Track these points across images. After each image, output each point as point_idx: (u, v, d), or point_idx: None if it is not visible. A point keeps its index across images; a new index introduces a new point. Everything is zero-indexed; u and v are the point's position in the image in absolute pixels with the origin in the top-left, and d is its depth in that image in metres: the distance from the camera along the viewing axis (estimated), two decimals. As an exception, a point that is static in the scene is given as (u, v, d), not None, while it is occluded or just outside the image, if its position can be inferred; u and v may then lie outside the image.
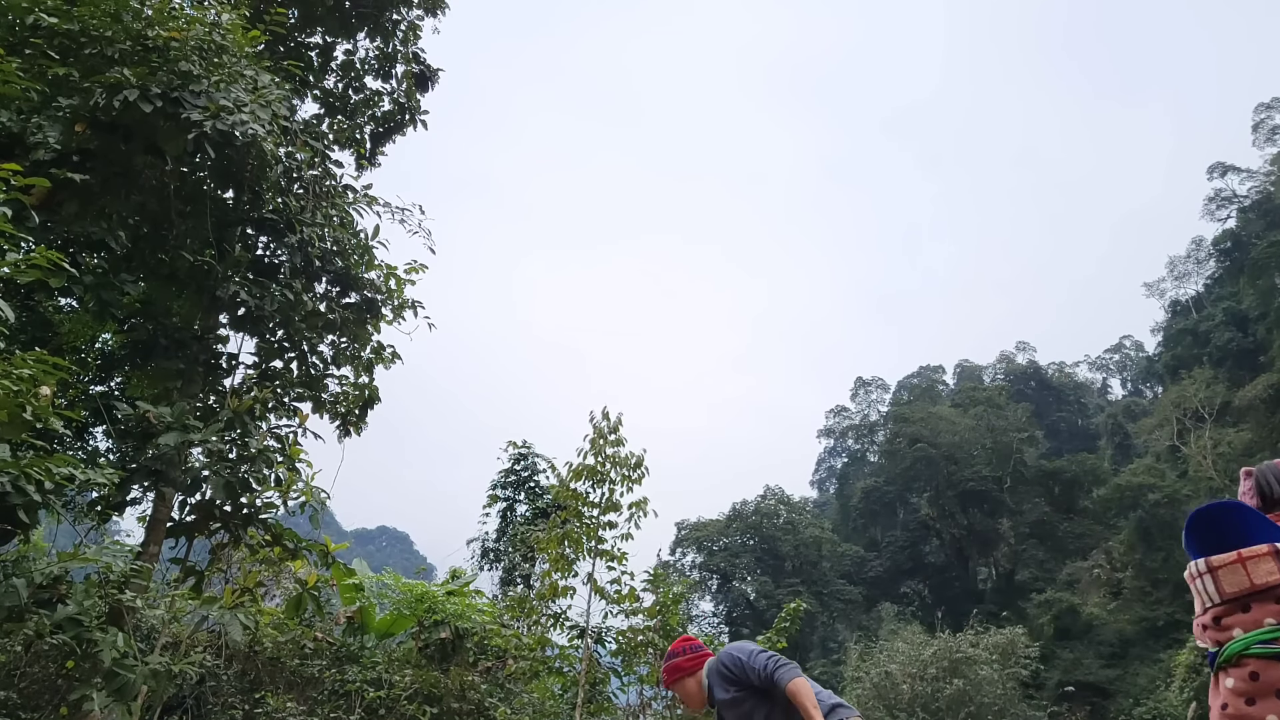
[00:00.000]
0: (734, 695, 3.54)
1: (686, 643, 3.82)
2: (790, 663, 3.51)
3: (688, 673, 3.68)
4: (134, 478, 6.19)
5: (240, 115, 5.79)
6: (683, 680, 3.67)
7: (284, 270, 6.86)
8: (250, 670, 8.34)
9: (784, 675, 3.43)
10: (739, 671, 3.55)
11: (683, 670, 3.68)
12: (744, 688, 3.54)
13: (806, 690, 3.36)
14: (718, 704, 3.60)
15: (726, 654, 3.64)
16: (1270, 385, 43.31)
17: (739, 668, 3.55)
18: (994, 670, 22.37)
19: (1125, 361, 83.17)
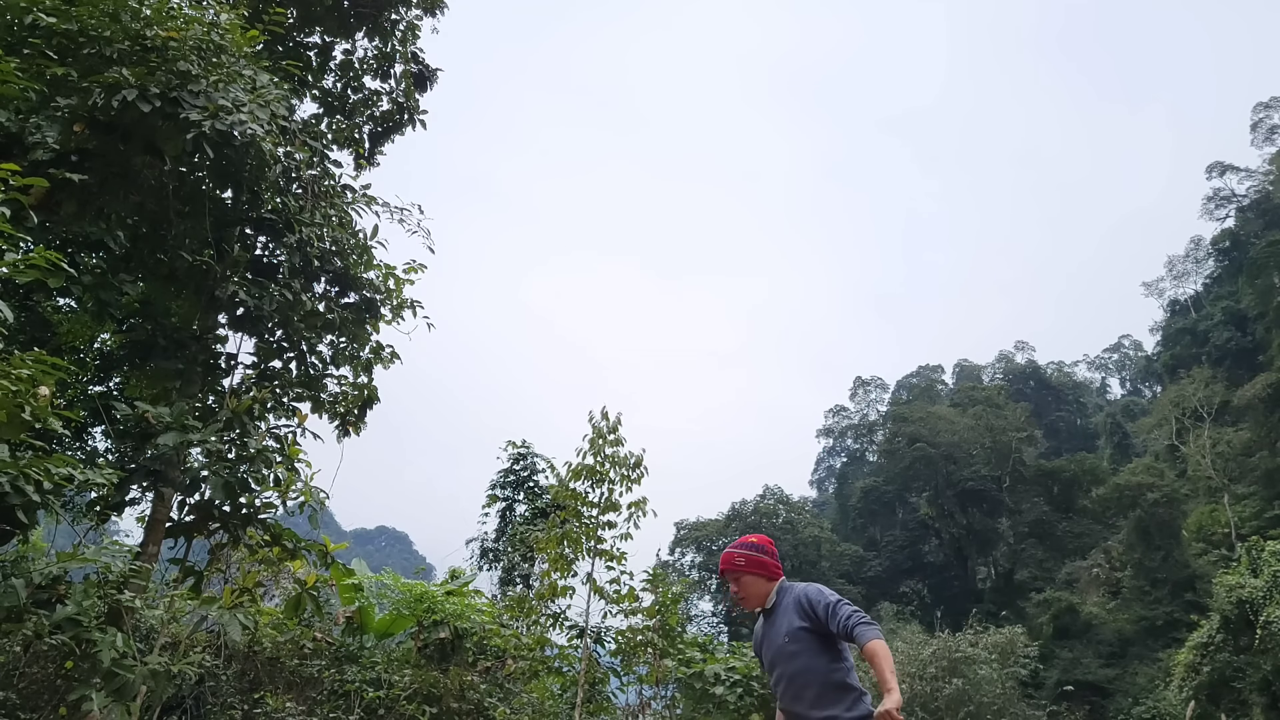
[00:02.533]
0: (802, 628, 3.39)
1: (772, 548, 3.69)
2: (873, 621, 3.35)
3: (765, 575, 3.56)
4: (133, 478, 6.18)
5: (239, 115, 5.78)
6: (757, 578, 3.54)
7: (283, 270, 6.85)
8: (249, 670, 8.34)
9: (865, 633, 3.27)
10: (821, 612, 3.40)
11: (764, 569, 3.56)
12: (813, 630, 3.40)
13: (886, 653, 3.20)
14: (779, 630, 3.45)
15: (815, 589, 3.50)
16: (1269, 384, 43.32)
17: (823, 609, 3.40)
18: (993, 670, 22.38)
19: (1124, 361, 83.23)
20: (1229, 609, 22.64)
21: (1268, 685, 21.66)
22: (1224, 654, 22.90)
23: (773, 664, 3.45)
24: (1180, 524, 41.45)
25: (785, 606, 3.49)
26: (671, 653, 9.13)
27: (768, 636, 3.51)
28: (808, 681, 3.35)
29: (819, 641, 3.38)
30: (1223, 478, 44.93)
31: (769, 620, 3.52)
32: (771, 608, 3.52)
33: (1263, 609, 21.48)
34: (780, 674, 3.40)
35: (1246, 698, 22.38)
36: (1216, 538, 41.37)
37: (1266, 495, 41.54)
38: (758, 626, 3.61)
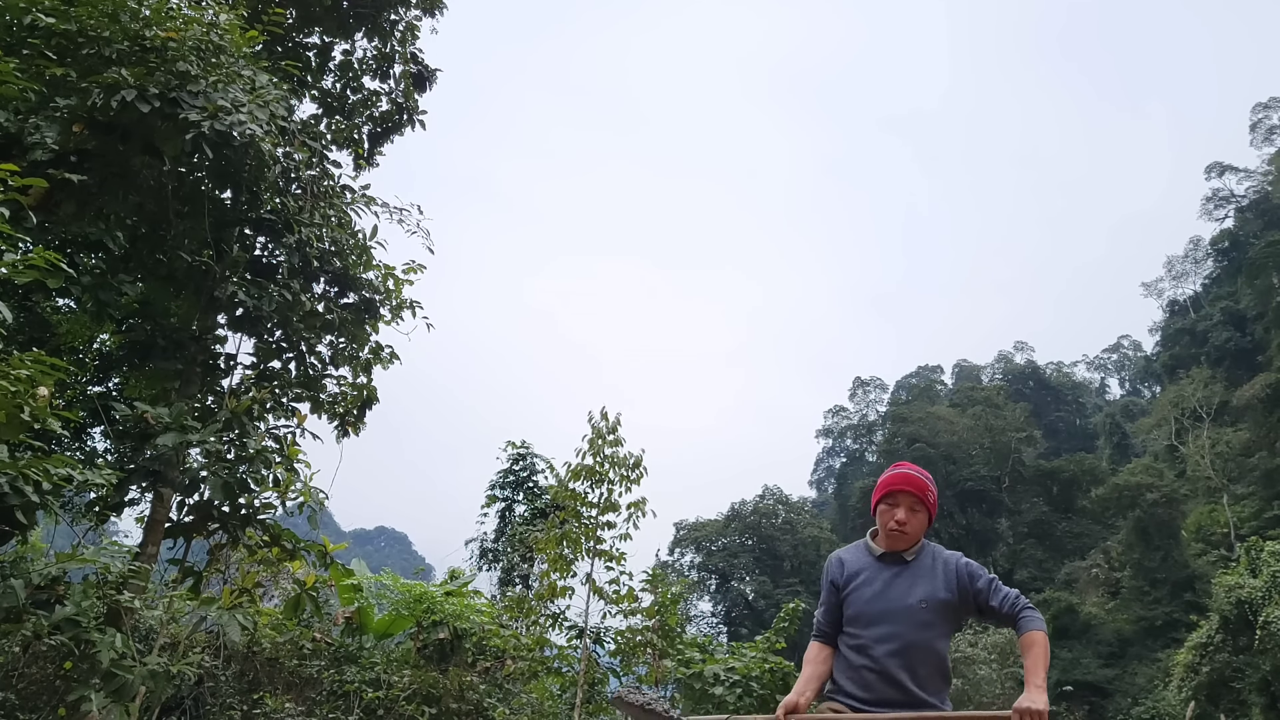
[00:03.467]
0: (947, 601, 3.03)
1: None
2: (1036, 610, 3.08)
3: (930, 521, 3.17)
4: (132, 478, 6.18)
5: (238, 115, 5.78)
6: (926, 517, 3.14)
7: (282, 270, 6.85)
8: (249, 671, 8.34)
9: (1032, 619, 3.01)
10: (982, 587, 3.07)
11: (933, 514, 3.17)
12: (958, 606, 3.07)
13: (1046, 645, 2.96)
14: (914, 590, 3.04)
15: (971, 561, 3.18)
16: (1268, 384, 43.35)
17: (985, 584, 3.08)
18: (992, 670, 22.41)
19: (1123, 361, 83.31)
20: (1228, 609, 22.66)
21: (1267, 685, 21.67)
22: (1223, 654, 22.93)
23: (881, 620, 3.01)
24: (1179, 524, 41.49)
25: (930, 568, 3.10)
26: (671, 653, 9.13)
27: (890, 589, 3.05)
28: (926, 658, 2.99)
29: (953, 620, 3.08)
30: (1222, 478, 44.97)
31: (897, 572, 3.09)
32: (910, 561, 3.11)
33: (1262, 609, 21.50)
34: (893, 635, 2.97)
35: (1246, 698, 22.40)
36: (1215, 538, 41.42)
37: (1265, 495, 41.57)
38: (865, 565, 3.15)
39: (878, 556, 3.15)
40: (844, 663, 3.10)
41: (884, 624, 3.02)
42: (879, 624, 3.02)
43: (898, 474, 3.19)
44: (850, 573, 3.16)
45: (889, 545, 3.12)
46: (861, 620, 3.06)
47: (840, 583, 3.17)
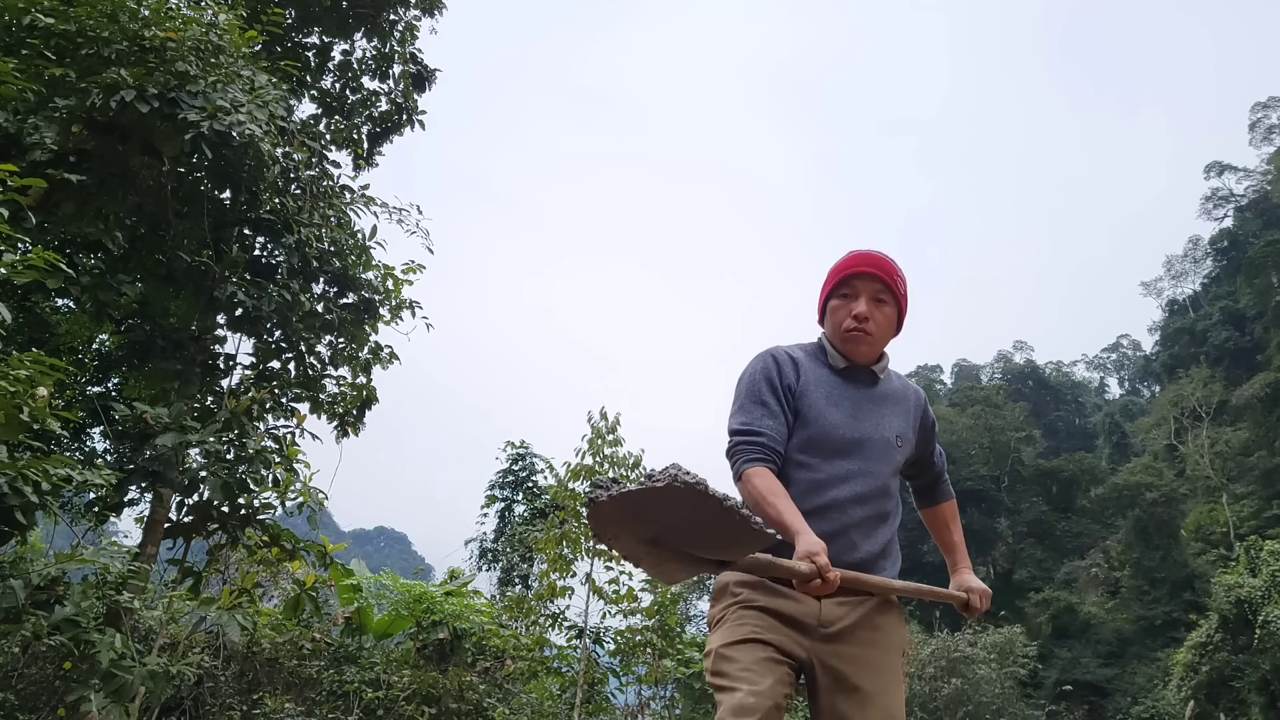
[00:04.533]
0: (911, 443, 2.41)
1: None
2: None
3: (899, 324, 2.39)
4: (131, 479, 6.18)
5: (237, 116, 5.78)
6: (894, 321, 2.36)
7: (281, 270, 6.85)
8: (248, 671, 8.33)
9: (949, 485, 2.67)
10: (928, 430, 2.50)
11: (903, 315, 2.38)
12: (910, 450, 2.43)
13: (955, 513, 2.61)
14: (887, 418, 2.34)
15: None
16: (1268, 384, 43.38)
17: (933, 429, 2.53)
18: (992, 669, 22.41)
19: (1123, 361, 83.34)
20: (1227, 608, 22.67)
21: (1266, 685, 21.68)
22: (1223, 653, 22.94)
23: (853, 451, 2.25)
24: (1179, 524, 41.51)
25: (901, 393, 2.42)
26: (670, 653, 9.13)
27: (861, 414, 2.29)
28: (889, 513, 2.30)
29: (894, 488, 2.35)
30: (1221, 477, 45.00)
31: (866, 393, 2.34)
32: (876, 382, 2.37)
33: (1261, 608, 21.51)
34: (865, 473, 2.24)
35: (1245, 697, 22.41)
36: (1215, 537, 41.45)
37: (1265, 495, 41.60)
38: (823, 378, 2.32)
39: (840, 370, 2.33)
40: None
41: (855, 457, 2.24)
42: (849, 456, 2.24)
43: (855, 255, 2.35)
44: (807, 381, 2.29)
45: (850, 351, 2.32)
46: (826, 447, 2.23)
47: (796, 388, 2.27)
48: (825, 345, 2.41)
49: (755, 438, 2.19)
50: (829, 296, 2.41)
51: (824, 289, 2.44)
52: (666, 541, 1.62)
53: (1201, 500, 45.26)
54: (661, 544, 1.62)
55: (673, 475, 1.37)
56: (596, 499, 1.46)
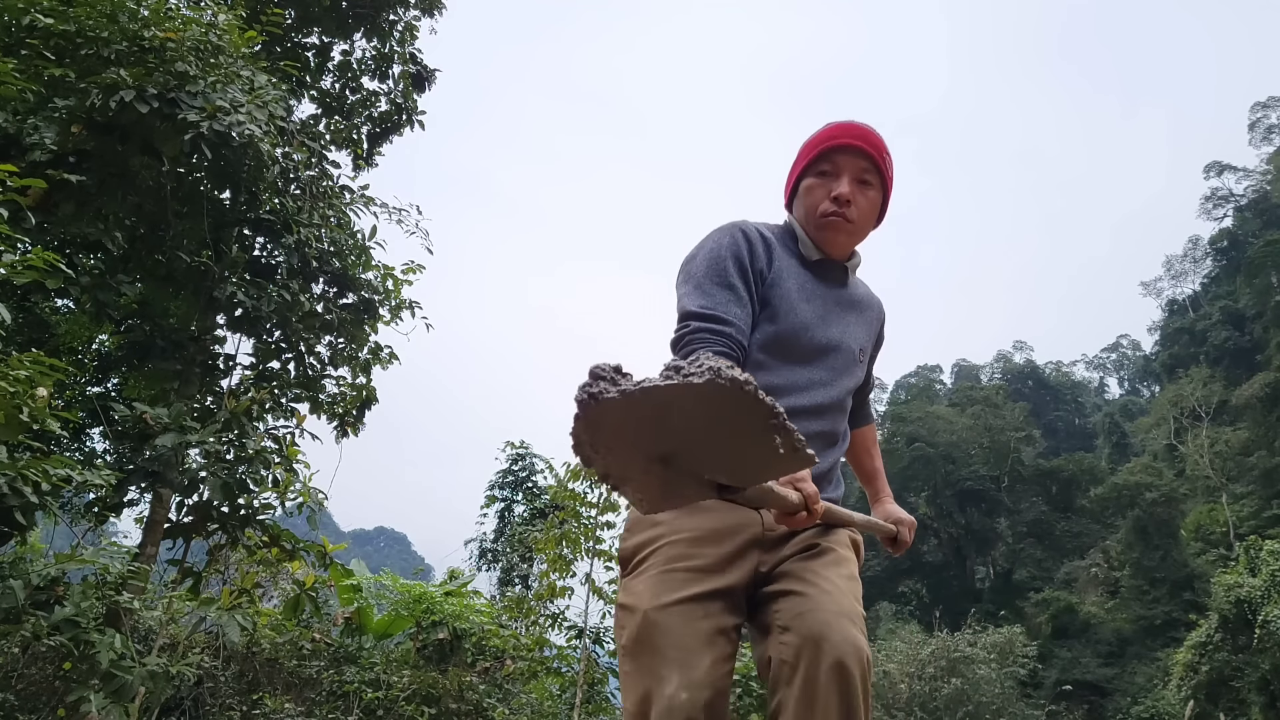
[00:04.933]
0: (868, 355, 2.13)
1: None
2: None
3: (881, 212, 2.02)
4: (131, 479, 6.18)
5: (237, 116, 5.78)
6: (877, 207, 1.99)
7: (281, 271, 6.85)
8: (248, 671, 8.33)
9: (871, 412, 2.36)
10: (878, 346, 2.21)
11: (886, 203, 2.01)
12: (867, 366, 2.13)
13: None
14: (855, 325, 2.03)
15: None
16: (1267, 383, 43.40)
17: (879, 343, 2.21)
18: (992, 669, 22.41)
19: (1122, 360, 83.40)
20: (1227, 608, 22.69)
21: (1266, 684, 21.70)
22: (1222, 653, 22.96)
23: (822, 357, 1.94)
24: (1178, 523, 41.52)
25: (866, 300, 2.11)
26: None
27: (831, 317, 1.97)
28: (842, 433, 2.03)
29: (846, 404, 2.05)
30: (1221, 477, 45.01)
31: (836, 294, 2.01)
32: (846, 282, 2.05)
33: (1261, 608, 21.53)
34: (829, 383, 1.94)
35: (1245, 697, 22.43)
36: (1215, 537, 41.47)
37: (1264, 494, 41.62)
38: (793, 270, 1.96)
39: (811, 263, 1.98)
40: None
41: (818, 365, 1.93)
42: (812, 363, 1.92)
43: (836, 125, 1.97)
44: (780, 268, 1.93)
45: (825, 241, 1.96)
46: (790, 349, 1.89)
47: (768, 274, 1.91)
48: (796, 231, 2.00)
49: (720, 326, 1.75)
50: (802, 174, 2.00)
51: (796, 164, 2.02)
52: (682, 460, 1.17)
53: (1201, 500, 45.27)
54: (674, 463, 1.17)
55: (714, 370, 0.95)
56: (600, 395, 0.97)
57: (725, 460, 1.22)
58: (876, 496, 2.31)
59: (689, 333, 1.75)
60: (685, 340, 1.74)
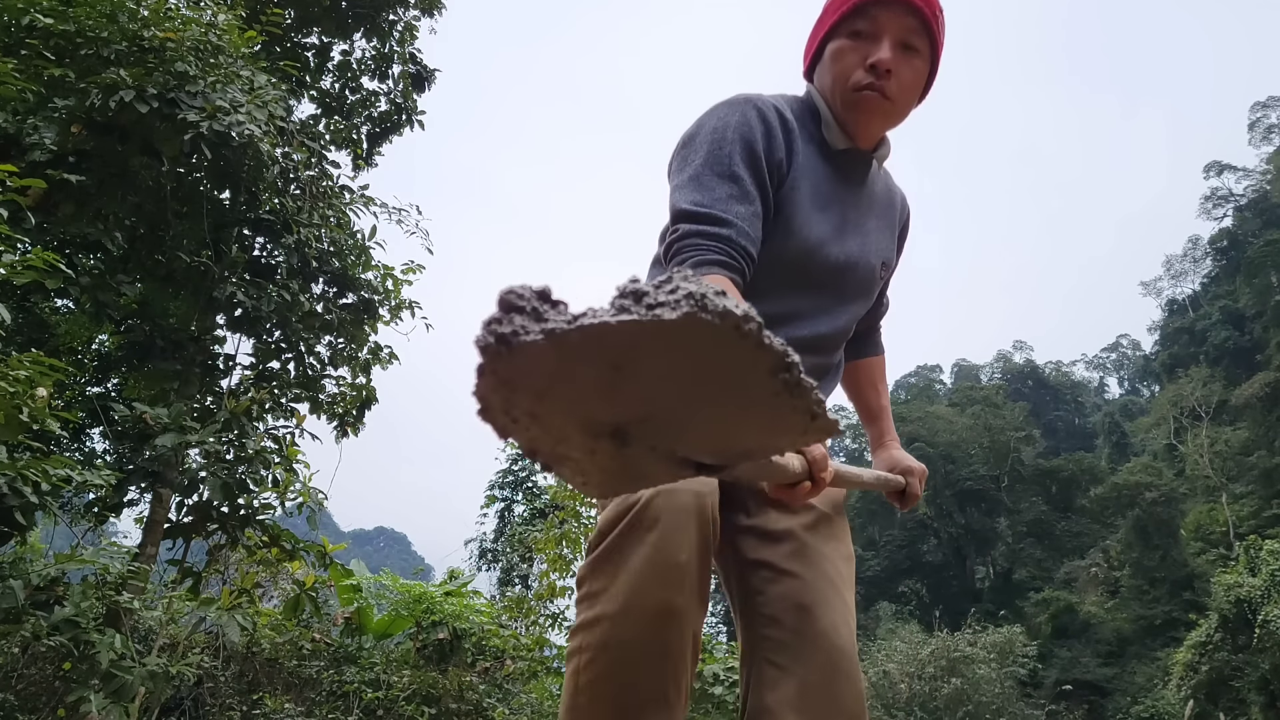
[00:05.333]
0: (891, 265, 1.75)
1: None
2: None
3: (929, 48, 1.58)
4: (131, 479, 6.18)
5: (237, 116, 5.78)
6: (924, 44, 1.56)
7: (281, 271, 6.85)
8: (248, 671, 8.33)
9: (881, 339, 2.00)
10: (899, 255, 1.81)
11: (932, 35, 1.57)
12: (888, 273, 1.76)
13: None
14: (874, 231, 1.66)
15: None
16: (1267, 383, 43.41)
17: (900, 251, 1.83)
18: (992, 669, 22.41)
19: (1122, 360, 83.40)
20: (1227, 608, 22.70)
21: (1266, 684, 21.71)
22: (1222, 653, 22.97)
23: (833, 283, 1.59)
24: (1178, 523, 41.53)
25: (887, 197, 1.72)
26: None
27: (850, 226, 1.60)
28: (840, 363, 1.73)
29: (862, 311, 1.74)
30: (1221, 477, 45.02)
31: (855, 196, 1.63)
32: (868, 175, 1.65)
33: (1261, 608, 21.53)
34: (828, 312, 1.59)
35: (1245, 696, 22.43)
36: (1214, 537, 41.48)
37: (1264, 494, 41.63)
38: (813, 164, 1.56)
39: (837, 152, 1.57)
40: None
41: (828, 290, 1.58)
42: (822, 288, 1.57)
43: None
44: (800, 165, 1.53)
45: (857, 123, 1.55)
46: (798, 272, 1.53)
47: (786, 170, 1.51)
48: (819, 109, 1.58)
49: (720, 228, 1.38)
50: (830, 33, 1.56)
51: (823, 19, 1.58)
52: (644, 432, 0.74)
53: (1201, 500, 45.28)
54: (632, 438, 0.75)
55: (696, 298, 0.56)
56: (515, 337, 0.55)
57: (708, 432, 0.82)
58: (880, 440, 1.89)
59: (677, 239, 1.41)
60: (674, 248, 1.41)
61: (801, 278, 1.55)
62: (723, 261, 1.37)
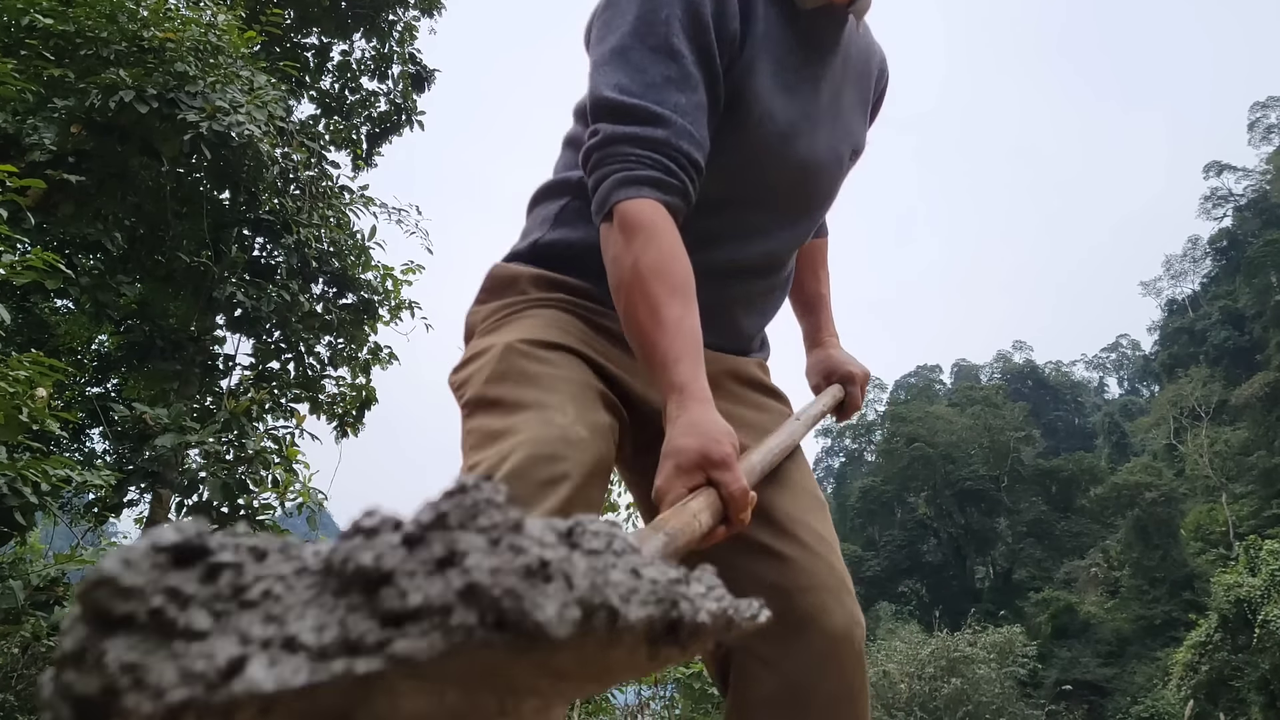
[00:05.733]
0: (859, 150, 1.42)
1: None
2: None
3: None
4: (131, 479, 6.18)
5: (236, 116, 5.78)
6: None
7: (281, 271, 6.86)
8: (248, 672, 8.35)
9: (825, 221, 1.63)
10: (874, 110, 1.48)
11: None
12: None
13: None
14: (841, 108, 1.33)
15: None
16: (1267, 383, 43.45)
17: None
18: (992, 669, 22.44)
19: (1122, 360, 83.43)
20: (1227, 608, 22.71)
21: (1266, 684, 21.72)
22: (1222, 653, 22.98)
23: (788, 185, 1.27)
24: (1178, 523, 41.55)
25: (864, 58, 1.39)
26: (670, 653, 9.10)
27: (817, 110, 1.27)
28: (791, 275, 1.44)
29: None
30: (1220, 477, 45.05)
31: (826, 67, 1.27)
32: (846, 34, 1.30)
33: (1260, 608, 21.55)
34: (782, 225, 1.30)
35: (1245, 696, 22.45)
36: (1214, 537, 41.51)
37: (1264, 494, 41.66)
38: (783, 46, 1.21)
39: (806, 13, 1.23)
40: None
41: (789, 195, 1.28)
42: (782, 191, 1.27)
43: None
44: (757, 35, 1.19)
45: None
46: (752, 175, 1.24)
47: (740, 47, 1.17)
48: None
49: (654, 129, 1.06)
50: None
51: None
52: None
53: (1201, 500, 45.31)
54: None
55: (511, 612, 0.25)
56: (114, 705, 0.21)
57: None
58: (816, 337, 1.56)
59: (598, 145, 1.09)
60: (594, 160, 1.09)
61: (757, 185, 1.23)
62: (657, 180, 1.06)
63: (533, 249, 1.29)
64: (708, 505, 0.90)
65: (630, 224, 1.05)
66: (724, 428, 0.96)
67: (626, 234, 1.05)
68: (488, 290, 1.31)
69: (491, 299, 1.29)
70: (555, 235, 1.28)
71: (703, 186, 1.14)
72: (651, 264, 1.02)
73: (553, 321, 1.20)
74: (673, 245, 1.05)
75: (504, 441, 1.05)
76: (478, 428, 1.12)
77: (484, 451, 1.06)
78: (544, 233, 1.29)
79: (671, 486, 0.94)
